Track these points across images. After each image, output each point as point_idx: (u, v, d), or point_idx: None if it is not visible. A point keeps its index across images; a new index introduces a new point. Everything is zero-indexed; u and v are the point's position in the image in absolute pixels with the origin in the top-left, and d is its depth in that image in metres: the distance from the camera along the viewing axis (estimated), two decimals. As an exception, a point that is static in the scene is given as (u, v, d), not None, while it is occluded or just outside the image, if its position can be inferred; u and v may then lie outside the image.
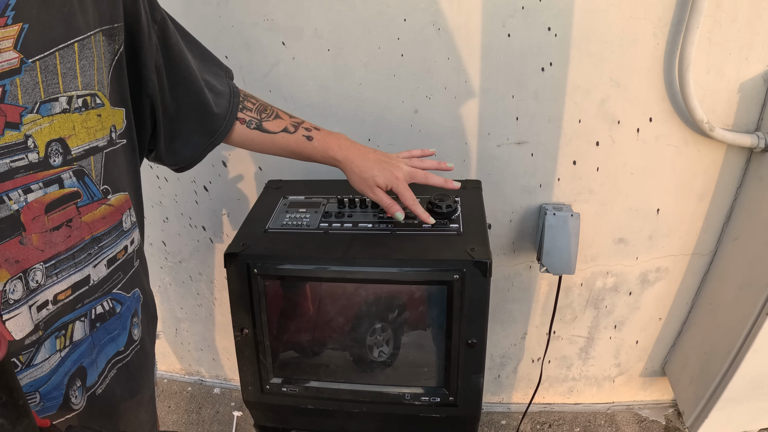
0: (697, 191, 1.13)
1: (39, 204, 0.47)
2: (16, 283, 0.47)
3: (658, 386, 1.49)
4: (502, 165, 1.12)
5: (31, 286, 0.48)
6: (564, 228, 1.09)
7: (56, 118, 0.47)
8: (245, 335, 0.81)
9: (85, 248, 0.53)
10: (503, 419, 1.52)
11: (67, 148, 0.49)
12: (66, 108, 0.48)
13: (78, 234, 0.52)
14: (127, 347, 0.62)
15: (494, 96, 1.05)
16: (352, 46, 1.02)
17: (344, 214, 0.85)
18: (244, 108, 0.74)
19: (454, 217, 0.83)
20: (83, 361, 0.55)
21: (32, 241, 0.47)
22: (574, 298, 1.30)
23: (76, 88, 0.49)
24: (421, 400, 0.80)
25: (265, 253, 0.77)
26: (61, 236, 0.50)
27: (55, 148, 0.48)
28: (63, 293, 0.51)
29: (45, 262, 0.49)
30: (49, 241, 0.49)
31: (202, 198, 1.26)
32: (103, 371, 0.58)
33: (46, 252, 0.49)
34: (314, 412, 0.84)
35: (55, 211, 0.49)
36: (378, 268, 0.74)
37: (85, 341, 0.55)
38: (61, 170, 0.49)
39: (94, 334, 0.56)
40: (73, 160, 0.50)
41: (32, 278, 0.48)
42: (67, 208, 0.50)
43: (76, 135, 0.50)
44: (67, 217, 0.50)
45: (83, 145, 0.51)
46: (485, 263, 0.72)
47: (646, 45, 0.98)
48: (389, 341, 0.80)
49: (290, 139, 0.76)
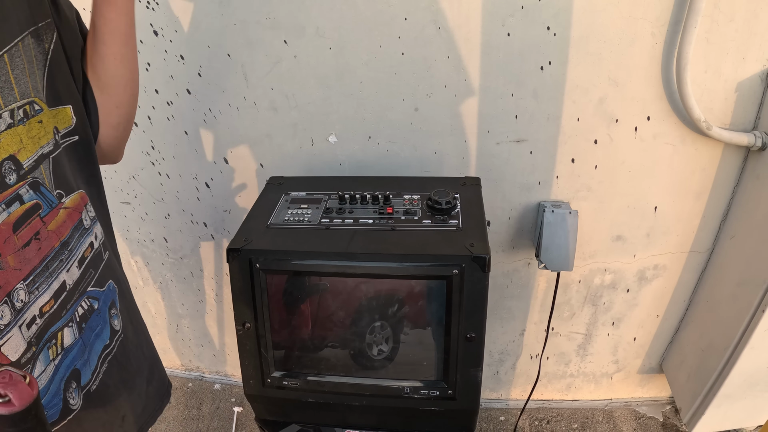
0: (694, 189, 1.15)
1: (6, 226, 0.47)
2: (3, 308, 0.47)
3: (656, 383, 1.51)
4: (501, 163, 1.13)
5: (17, 307, 0.48)
6: (562, 225, 1.10)
7: (3, 135, 0.46)
8: (247, 329, 0.82)
9: (56, 256, 0.53)
10: (501, 415, 1.53)
11: (19, 164, 0.49)
12: (10, 123, 0.47)
13: (48, 244, 0.52)
14: (112, 339, 0.63)
15: (494, 94, 1.06)
16: (354, 44, 1.03)
17: (345, 210, 0.86)
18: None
19: (454, 213, 0.84)
20: (76, 364, 0.56)
21: (8, 263, 0.47)
22: (572, 295, 1.31)
23: (14, 100, 0.48)
24: (421, 393, 0.81)
25: (267, 248, 0.78)
26: (32, 251, 0.50)
27: (7, 166, 0.47)
28: (47, 305, 0.52)
29: (24, 279, 0.49)
30: (24, 259, 0.49)
31: (203, 195, 1.27)
32: (96, 368, 0.60)
33: (24, 270, 0.49)
34: (315, 405, 0.86)
35: (22, 228, 0.49)
36: (379, 263, 0.75)
37: (76, 345, 0.56)
38: (18, 187, 0.48)
39: (83, 335, 0.57)
40: (26, 173, 0.49)
41: (16, 299, 0.48)
42: (32, 222, 0.50)
43: (24, 148, 0.49)
44: (34, 231, 0.50)
45: (32, 156, 0.50)
46: (484, 258, 0.73)
47: (644, 44, 0.99)
48: (389, 338, 0.82)
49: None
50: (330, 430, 0.90)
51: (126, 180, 1.29)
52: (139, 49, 1.09)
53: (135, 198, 1.32)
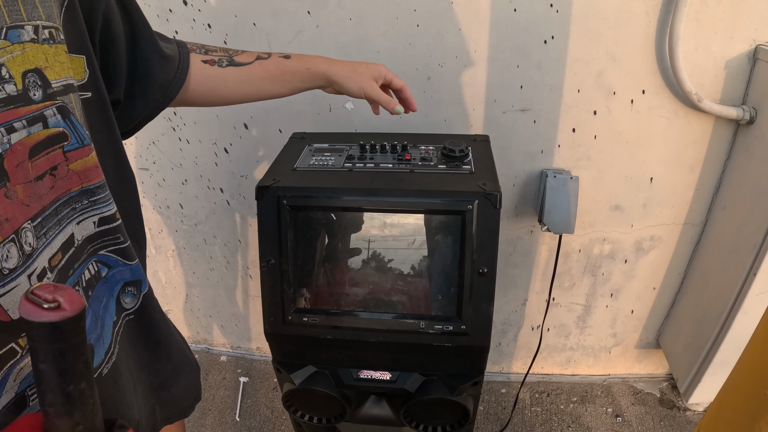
0: (687, 162, 1.22)
1: (23, 147, 0.38)
2: (10, 248, 0.37)
3: (653, 359, 1.55)
4: (506, 131, 1.20)
5: (26, 251, 0.39)
6: (564, 189, 1.16)
7: (27, 46, 0.39)
8: (271, 265, 0.86)
9: (70, 202, 0.44)
10: (503, 388, 1.56)
11: (46, 81, 0.41)
12: (34, 38, 0.40)
13: (63, 185, 0.43)
14: (119, 315, 0.53)
15: (501, 65, 1.13)
16: (372, 16, 1.11)
17: (366, 157, 0.92)
18: (208, 51, 0.69)
19: (467, 161, 0.90)
20: (90, 338, 0.46)
21: (17, 194, 0.38)
22: (573, 264, 1.36)
23: (39, 17, 0.41)
24: (435, 328, 0.86)
25: (294, 185, 0.83)
26: (44, 187, 0.41)
27: (32, 79, 0.40)
28: (55, 258, 0.42)
29: (32, 219, 0.39)
30: (34, 194, 0.40)
31: (222, 160, 1.33)
32: (110, 347, 0.50)
33: (32, 207, 0.39)
34: (332, 343, 0.90)
35: (39, 157, 0.40)
36: (399, 198, 0.81)
37: (88, 313, 0.46)
38: (43, 106, 0.40)
39: (92, 305, 0.47)
40: (54, 94, 0.42)
41: (25, 241, 0.39)
42: (52, 153, 0.41)
43: (51, 68, 0.42)
44: (51, 164, 0.41)
45: (60, 79, 0.42)
46: (495, 195, 0.79)
47: (639, 22, 1.07)
48: (407, 275, 0.87)
49: (267, 65, 0.71)
50: (345, 370, 0.93)
51: (146, 146, 1.35)
52: (167, 19, 1.17)
53: (153, 164, 1.37)
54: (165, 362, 0.61)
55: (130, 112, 0.60)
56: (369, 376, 0.92)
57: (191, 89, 0.67)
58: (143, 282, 0.56)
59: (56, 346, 0.30)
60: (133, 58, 0.57)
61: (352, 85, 0.74)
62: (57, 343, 0.30)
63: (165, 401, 0.62)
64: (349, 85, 0.74)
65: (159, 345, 0.60)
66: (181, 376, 0.64)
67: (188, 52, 0.67)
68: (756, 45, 1.08)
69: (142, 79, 0.59)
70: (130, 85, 0.58)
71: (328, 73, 0.73)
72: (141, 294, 0.55)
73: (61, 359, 0.31)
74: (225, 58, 0.70)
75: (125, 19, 0.55)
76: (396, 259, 0.87)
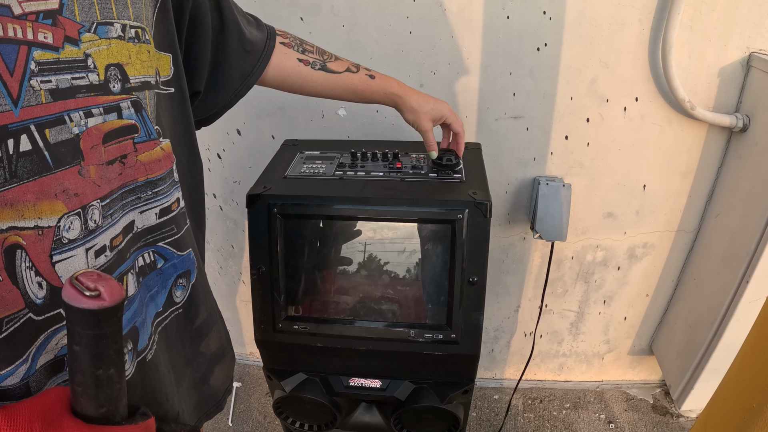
0: (681, 169, 1.22)
1: (98, 132, 0.42)
2: (74, 220, 0.40)
3: (646, 365, 1.55)
4: (499, 138, 1.20)
5: (90, 227, 0.42)
6: (556, 197, 1.17)
7: (113, 42, 0.44)
8: (261, 273, 0.86)
9: (136, 190, 0.47)
10: (496, 394, 1.56)
11: (126, 76, 0.45)
12: (120, 35, 0.45)
13: (131, 173, 0.46)
14: (166, 309, 0.54)
15: (493, 73, 1.13)
16: (365, 23, 1.11)
17: (357, 165, 0.92)
18: (305, 51, 0.76)
19: (458, 170, 0.90)
20: (136, 321, 0.48)
21: (90, 173, 0.41)
22: (565, 271, 1.36)
23: (128, 18, 0.45)
24: (425, 337, 0.86)
25: (284, 194, 0.83)
26: (114, 172, 0.44)
27: (113, 72, 0.44)
28: (117, 238, 0.45)
29: (101, 200, 0.43)
30: (105, 176, 0.43)
31: (214, 166, 1.33)
32: (151, 335, 0.52)
33: (102, 188, 0.43)
34: (323, 351, 0.89)
35: (112, 143, 0.44)
36: (389, 207, 0.80)
37: (136, 297, 0.49)
38: (120, 98, 0.45)
39: (140, 291, 0.50)
40: (131, 89, 0.46)
41: (91, 217, 0.42)
42: (123, 142, 0.45)
43: (132, 64, 0.46)
44: (122, 152, 0.45)
45: (139, 76, 0.47)
46: (486, 204, 0.79)
47: (632, 30, 1.08)
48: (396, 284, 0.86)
49: (354, 79, 0.79)
50: (335, 378, 0.93)
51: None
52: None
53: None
54: (204, 355, 0.63)
55: (212, 99, 0.65)
56: (359, 383, 0.92)
57: (270, 77, 0.73)
58: (192, 272, 0.58)
59: (91, 332, 0.32)
60: (217, 50, 0.62)
61: (410, 117, 0.84)
62: (93, 329, 0.32)
63: (205, 396, 0.63)
64: (407, 116, 0.84)
65: (200, 335, 0.62)
66: (216, 366, 0.66)
67: (274, 45, 0.72)
68: (749, 53, 1.08)
69: (224, 71, 0.64)
70: (211, 76, 0.63)
71: (398, 102, 0.83)
72: (190, 284, 0.58)
73: (94, 345, 0.32)
74: (319, 62, 0.76)
75: (215, 14, 0.60)
76: (386, 267, 0.86)
